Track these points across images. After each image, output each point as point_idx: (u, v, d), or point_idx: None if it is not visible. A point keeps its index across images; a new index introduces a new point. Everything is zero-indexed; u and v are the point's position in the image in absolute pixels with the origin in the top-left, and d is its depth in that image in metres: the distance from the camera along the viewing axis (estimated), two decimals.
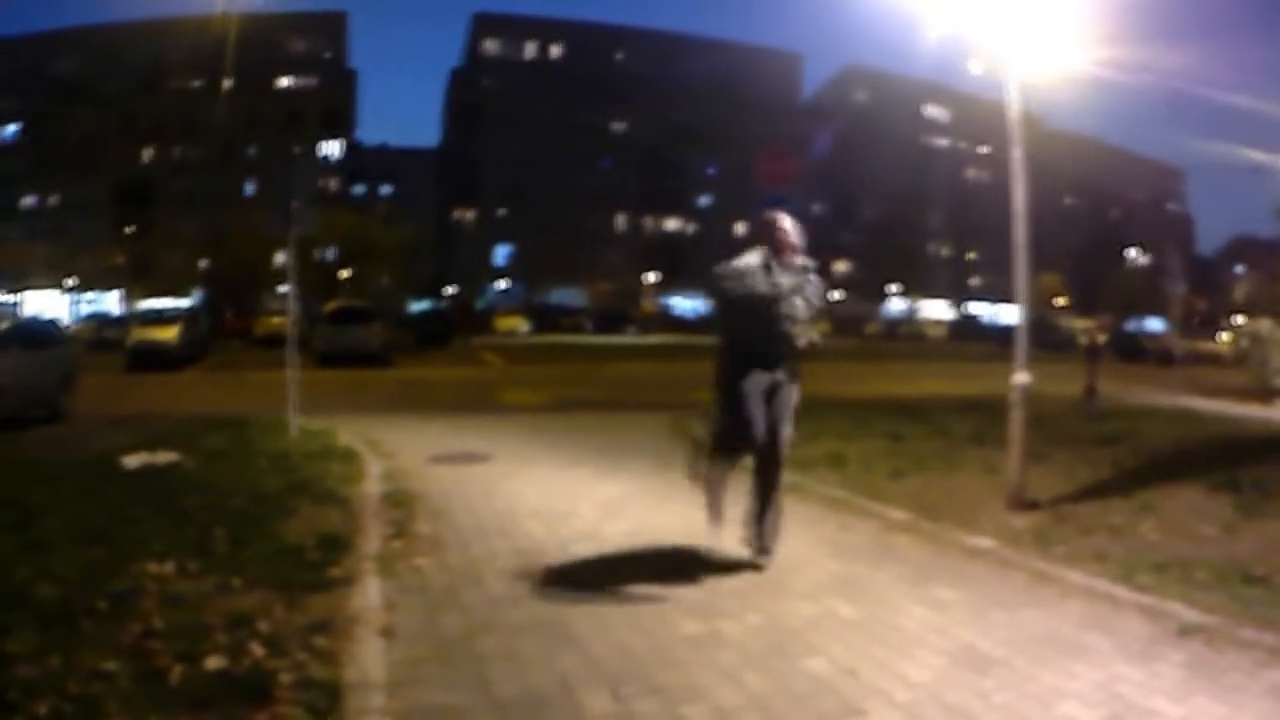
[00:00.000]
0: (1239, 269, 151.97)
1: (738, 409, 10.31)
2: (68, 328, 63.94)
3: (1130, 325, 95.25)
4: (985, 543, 11.02)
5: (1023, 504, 12.78)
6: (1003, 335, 70.39)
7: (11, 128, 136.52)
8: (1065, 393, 26.89)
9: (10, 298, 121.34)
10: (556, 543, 11.26)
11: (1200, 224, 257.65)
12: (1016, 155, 13.45)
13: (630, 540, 11.43)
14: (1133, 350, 65.15)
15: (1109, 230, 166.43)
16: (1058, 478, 15.02)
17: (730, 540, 10.60)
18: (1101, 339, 43.65)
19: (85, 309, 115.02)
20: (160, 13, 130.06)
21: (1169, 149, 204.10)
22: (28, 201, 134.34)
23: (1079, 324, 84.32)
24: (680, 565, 10.27)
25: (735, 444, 10.68)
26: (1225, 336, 72.78)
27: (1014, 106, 13.45)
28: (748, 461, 10.76)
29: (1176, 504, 13.03)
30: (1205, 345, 65.60)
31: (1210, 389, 34.06)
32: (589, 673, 7.23)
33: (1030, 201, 13.46)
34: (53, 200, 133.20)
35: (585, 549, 11.00)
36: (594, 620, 8.45)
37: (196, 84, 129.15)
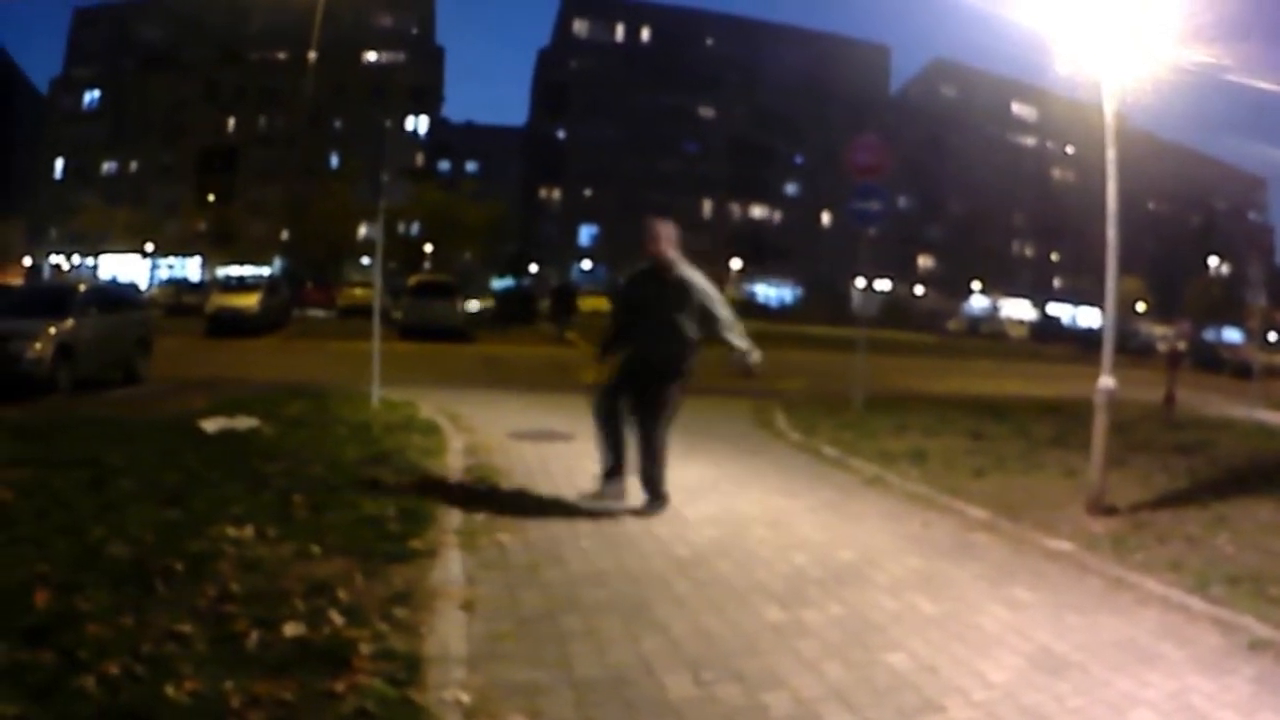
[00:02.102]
0: None
1: (610, 387, 12.49)
2: (146, 292, 64.41)
3: (1208, 334, 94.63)
4: (1064, 546, 10.90)
5: (1102, 509, 12.63)
6: (1083, 338, 69.75)
7: (94, 94, 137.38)
8: (1143, 399, 26.70)
9: (88, 261, 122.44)
10: (638, 525, 11.23)
11: None
12: (1111, 157, 13.26)
13: (712, 524, 11.37)
14: (1210, 360, 64.34)
15: (1190, 237, 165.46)
16: (1136, 484, 14.85)
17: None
18: (1182, 346, 43.35)
19: (164, 274, 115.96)
20: None
21: (1252, 157, 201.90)
22: (108, 167, 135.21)
23: (1158, 330, 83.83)
24: (762, 552, 10.24)
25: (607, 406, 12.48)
26: None
27: (1109, 109, 13.26)
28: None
29: (1251, 518, 12.86)
30: None
31: None
32: (671, 655, 7.17)
33: (1121, 204, 13.28)
34: (133, 166, 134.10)
35: (667, 531, 10.96)
36: (676, 603, 8.42)
37: (282, 55, 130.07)
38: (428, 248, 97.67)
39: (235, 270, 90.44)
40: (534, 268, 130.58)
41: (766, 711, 6.29)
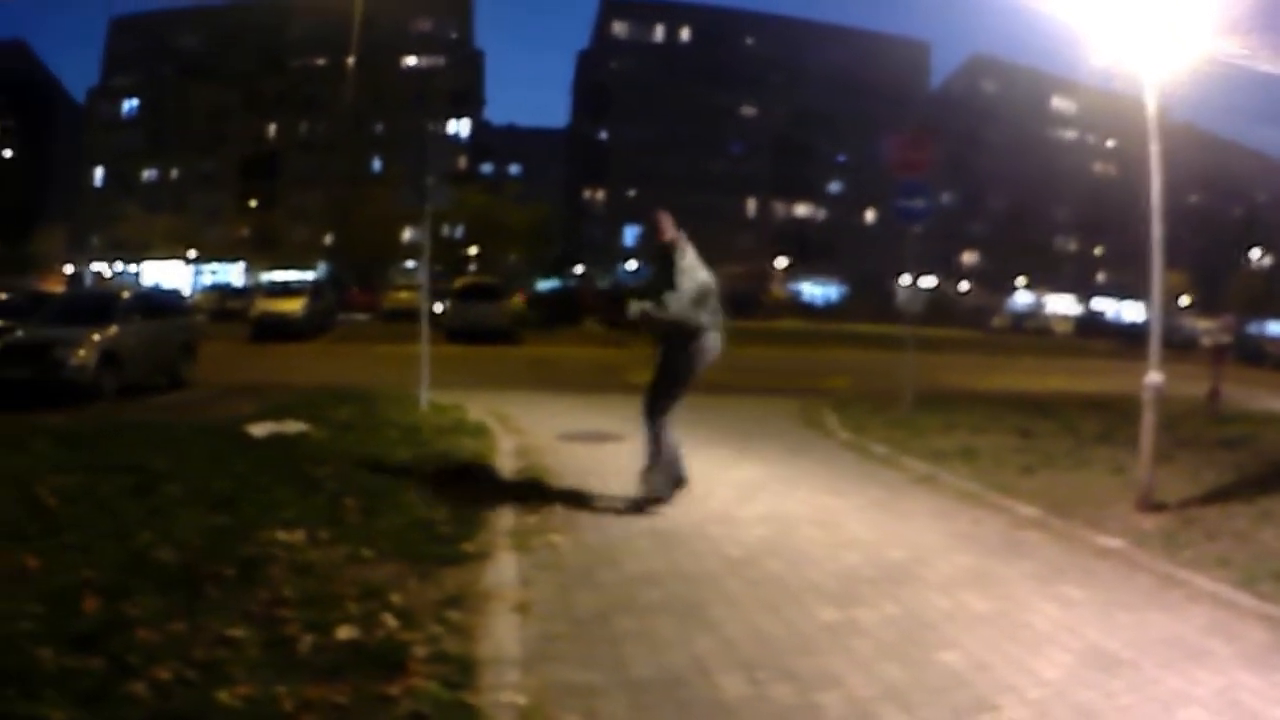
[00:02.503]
0: None
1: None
2: (190, 298, 64.75)
3: (1251, 328, 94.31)
4: (1114, 543, 10.86)
5: (1150, 505, 12.55)
6: (1128, 333, 69.45)
7: (132, 102, 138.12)
8: (1188, 394, 26.55)
9: (130, 268, 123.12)
10: (691, 524, 11.22)
11: None
12: (1154, 151, 13.17)
13: (763, 524, 11.37)
14: (1254, 353, 63.88)
15: (1231, 229, 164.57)
16: (1183, 480, 14.72)
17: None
18: (1225, 340, 43.13)
19: (207, 280, 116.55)
20: None
21: None
22: (148, 175, 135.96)
23: (1201, 324, 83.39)
24: (813, 551, 10.24)
25: None
26: None
27: (1151, 102, 13.19)
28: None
29: None
30: None
31: None
32: (725, 655, 7.16)
33: (1165, 198, 13.19)
34: (174, 174, 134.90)
35: (719, 531, 10.95)
36: (729, 603, 8.41)
37: (321, 61, 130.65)
38: (472, 250, 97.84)
39: (279, 275, 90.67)
40: (579, 269, 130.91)
41: (821, 711, 6.28)
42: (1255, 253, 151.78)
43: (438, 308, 51.08)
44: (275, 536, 9.35)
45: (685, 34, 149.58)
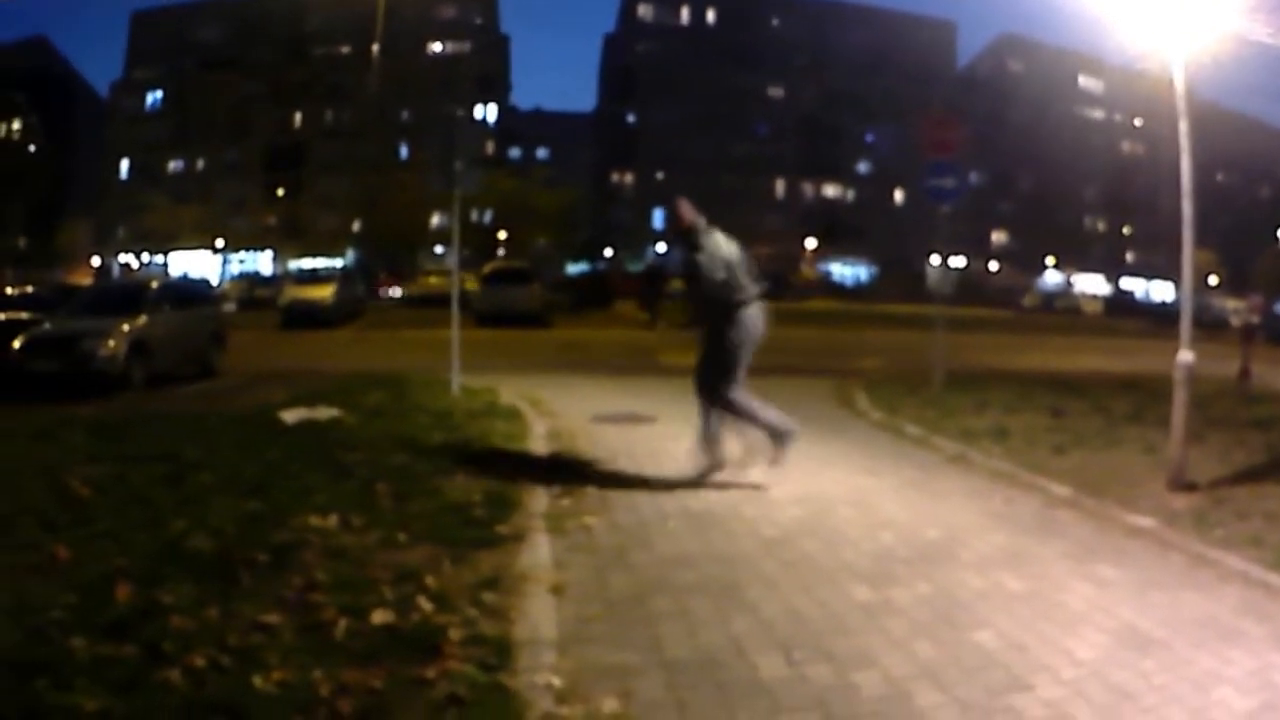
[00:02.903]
0: None
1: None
2: (218, 287, 65.03)
3: (1278, 307, 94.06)
4: (1146, 522, 10.82)
5: (1182, 485, 12.51)
6: (1157, 312, 69.23)
7: (156, 94, 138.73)
8: (1219, 373, 26.49)
9: (157, 259, 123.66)
10: (725, 505, 11.24)
11: None
12: (1184, 129, 13.13)
13: (798, 504, 11.39)
14: None
15: (1260, 208, 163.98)
16: (1214, 459, 14.65)
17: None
18: (1255, 320, 42.95)
19: (235, 269, 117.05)
20: None
21: None
22: (174, 166, 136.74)
23: (1230, 304, 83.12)
24: (849, 531, 10.26)
25: None
26: None
27: (1180, 81, 13.14)
28: None
29: None
30: None
31: None
32: (761, 636, 7.18)
33: (1194, 177, 13.14)
34: (199, 164, 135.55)
35: (753, 511, 10.96)
36: (764, 583, 8.43)
37: (345, 50, 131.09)
38: (501, 235, 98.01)
39: (308, 263, 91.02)
40: (608, 252, 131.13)
41: (858, 691, 6.29)
42: None
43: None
44: (308, 522, 9.40)
45: (710, 16, 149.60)
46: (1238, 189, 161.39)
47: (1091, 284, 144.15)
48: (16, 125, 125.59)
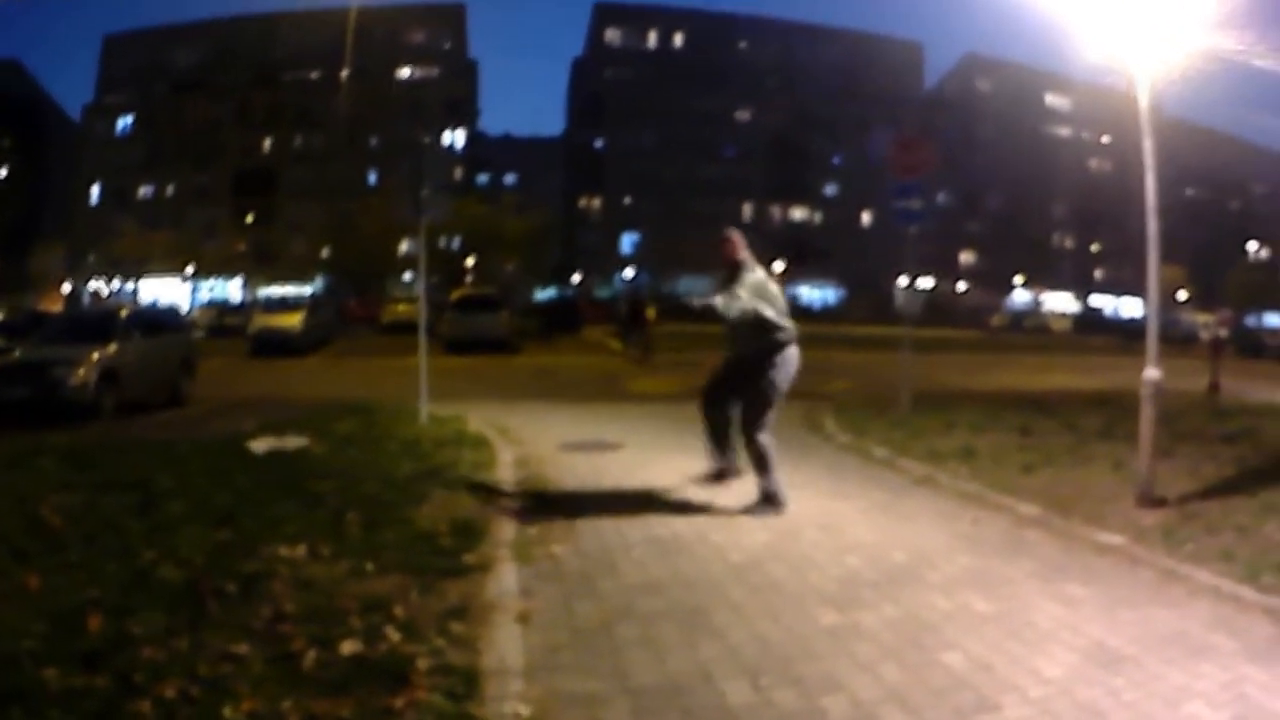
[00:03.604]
0: None
1: (708, 387, 13.53)
2: (188, 314, 64.97)
3: (1250, 320, 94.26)
4: (1115, 539, 10.87)
5: (1151, 501, 12.55)
6: (1126, 329, 69.64)
7: (126, 120, 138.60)
8: (1188, 388, 26.63)
9: (128, 285, 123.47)
10: (692, 531, 11.27)
11: None
12: (1148, 148, 13.22)
13: (765, 529, 11.41)
14: (1253, 346, 64.22)
15: (1229, 223, 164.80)
16: (1184, 475, 14.71)
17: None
18: (1224, 334, 43.16)
19: (205, 296, 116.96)
20: (277, 7, 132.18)
21: None
22: (144, 191, 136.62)
23: (1200, 318, 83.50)
24: (816, 555, 10.28)
25: None
26: None
27: (1143, 98, 13.23)
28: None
29: None
30: None
31: None
32: (728, 662, 7.21)
33: (1159, 193, 13.24)
34: (170, 190, 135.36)
35: (720, 537, 10.99)
36: (731, 609, 8.46)
37: (315, 75, 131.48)
38: (470, 261, 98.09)
39: (277, 290, 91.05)
40: (577, 277, 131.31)
41: (825, 715, 6.33)
42: (1252, 245, 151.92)
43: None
44: (277, 552, 9.41)
45: (679, 40, 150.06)
46: (1207, 204, 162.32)
47: (1060, 302, 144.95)
48: None
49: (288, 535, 9.97)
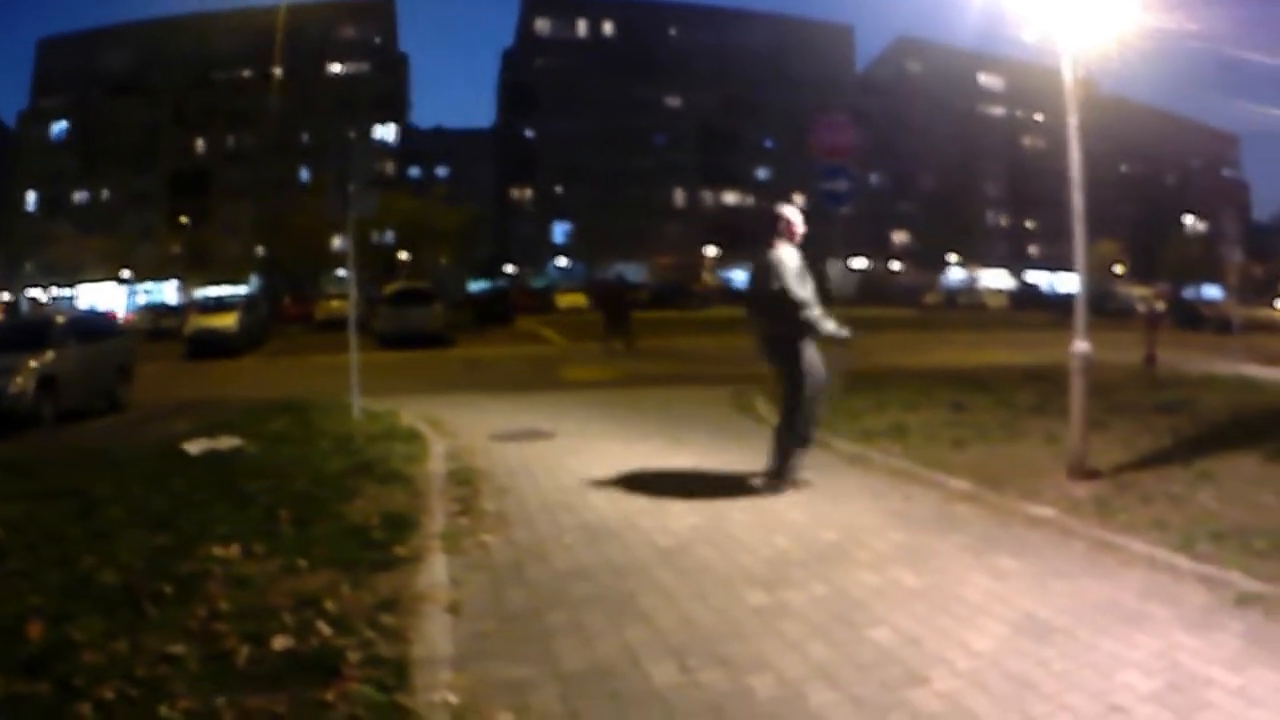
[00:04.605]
0: None
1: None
2: (125, 319, 64.57)
3: (1188, 293, 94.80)
4: (1047, 512, 10.94)
5: (1084, 473, 12.66)
6: (1063, 304, 70.25)
7: (62, 124, 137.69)
8: (1125, 361, 26.81)
9: (65, 292, 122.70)
10: (621, 517, 11.30)
11: (1256, 191, 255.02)
12: (1073, 124, 13.36)
13: (695, 512, 11.45)
14: (1191, 318, 64.40)
15: (1165, 197, 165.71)
16: (1118, 446, 14.87)
17: None
18: (1160, 307, 43.39)
19: (142, 299, 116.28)
20: (209, 6, 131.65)
21: (1223, 115, 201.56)
22: (80, 197, 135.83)
23: (1137, 291, 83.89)
24: (744, 537, 10.32)
25: None
26: None
27: (1069, 75, 13.36)
28: None
29: (1235, 473, 12.85)
30: (1263, 313, 64.95)
31: (1269, 357, 33.48)
32: (656, 645, 7.27)
33: (1087, 169, 13.36)
34: (105, 194, 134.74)
35: (650, 522, 11.03)
36: (660, 593, 8.51)
37: (247, 74, 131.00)
38: (402, 255, 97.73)
39: (212, 291, 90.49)
40: (510, 268, 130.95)
41: (752, 694, 6.38)
42: (1189, 219, 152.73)
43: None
44: (212, 552, 9.43)
45: (608, 28, 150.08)
46: (1143, 179, 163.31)
47: (996, 279, 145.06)
48: None
49: (222, 535, 9.98)
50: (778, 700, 6.30)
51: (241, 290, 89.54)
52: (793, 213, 13.47)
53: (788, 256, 12.91)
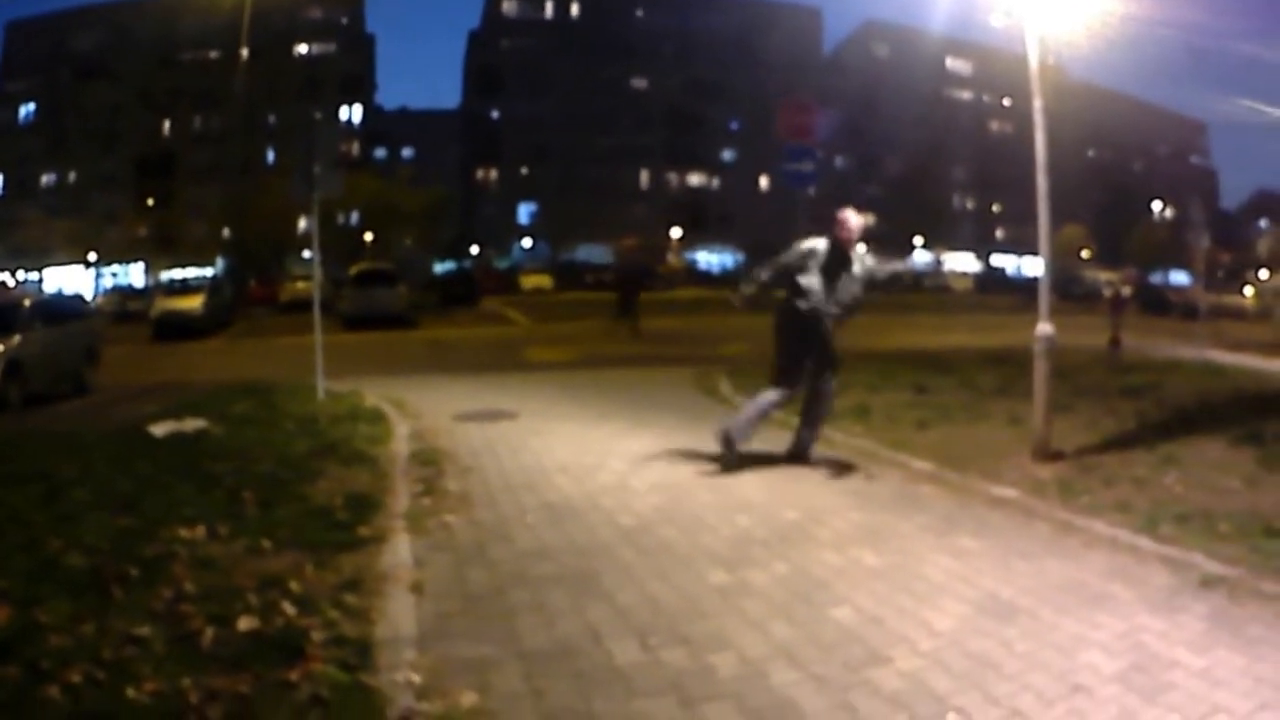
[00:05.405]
0: (1262, 223, 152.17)
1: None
2: (91, 301, 64.42)
3: (1154, 278, 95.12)
4: (1009, 493, 11.03)
5: (1047, 455, 12.77)
6: (1029, 287, 70.51)
7: (28, 107, 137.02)
8: (1090, 344, 26.92)
9: (32, 275, 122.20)
10: (584, 497, 11.37)
11: (1223, 178, 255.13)
12: (1037, 107, 13.47)
13: (657, 492, 11.53)
14: (1157, 303, 64.84)
15: (1132, 183, 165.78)
16: (1082, 429, 15.02)
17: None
18: (1126, 291, 43.54)
19: (108, 282, 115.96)
20: None
21: (1191, 102, 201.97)
22: (47, 179, 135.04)
23: (1104, 276, 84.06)
24: (707, 516, 10.37)
25: None
26: (1249, 291, 72.01)
27: (1034, 58, 13.45)
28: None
29: (1199, 456, 12.94)
30: (1229, 299, 65.12)
31: (1234, 343, 33.71)
32: (618, 623, 7.31)
33: (1052, 154, 13.50)
34: (72, 177, 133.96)
35: (612, 502, 11.09)
36: (622, 572, 8.56)
37: (214, 55, 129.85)
38: (368, 237, 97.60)
39: (178, 273, 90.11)
40: (475, 249, 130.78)
41: (714, 672, 6.41)
42: (1157, 205, 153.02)
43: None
44: (177, 534, 9.42)
45: (575, 9, 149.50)
46: (1110, 164, 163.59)
47: (962, 262, 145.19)
48: None
49: (187, 517, 9.97)
50: (739, 679, 6.32)
51: (207, 272, 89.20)
52: (851, 214, 13.88)
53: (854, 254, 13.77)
